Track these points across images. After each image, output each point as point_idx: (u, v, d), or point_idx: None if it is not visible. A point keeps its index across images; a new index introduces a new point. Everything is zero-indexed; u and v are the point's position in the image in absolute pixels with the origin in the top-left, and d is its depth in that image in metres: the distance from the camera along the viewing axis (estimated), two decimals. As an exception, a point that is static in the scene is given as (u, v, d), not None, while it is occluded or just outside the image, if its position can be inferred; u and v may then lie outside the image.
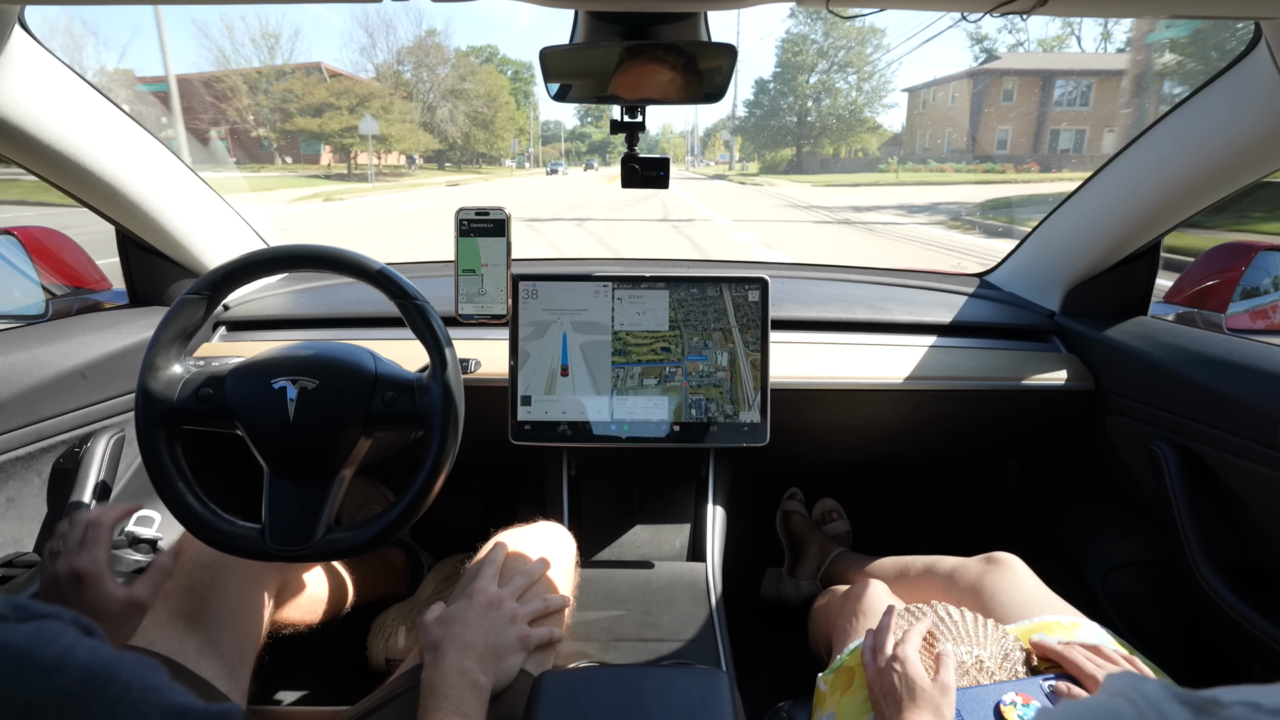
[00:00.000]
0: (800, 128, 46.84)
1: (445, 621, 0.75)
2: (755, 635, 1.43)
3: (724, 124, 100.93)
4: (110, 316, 1.17)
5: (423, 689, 0.68)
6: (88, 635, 0.36)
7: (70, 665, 0.34)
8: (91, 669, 0.34)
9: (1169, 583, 1.11)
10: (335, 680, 1.28)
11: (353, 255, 0.82)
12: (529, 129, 61.32)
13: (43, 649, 0.34)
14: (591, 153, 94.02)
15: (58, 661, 0.34)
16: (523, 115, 58.46)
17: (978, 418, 1.32)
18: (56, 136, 0.93)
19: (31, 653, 0.34)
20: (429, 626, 0.75)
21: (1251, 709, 0.28)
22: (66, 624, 0.36)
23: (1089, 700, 0.34)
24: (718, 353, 1.10)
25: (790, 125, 47.64)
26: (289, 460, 0.80)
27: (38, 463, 0.99)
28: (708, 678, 0.68)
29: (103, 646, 0.36)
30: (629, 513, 1.24)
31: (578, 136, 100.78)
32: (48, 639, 0.34)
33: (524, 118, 58.74)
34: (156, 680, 0.36)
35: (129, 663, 0.36)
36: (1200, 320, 1.20)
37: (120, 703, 0.34)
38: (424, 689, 0.67)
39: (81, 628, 0.37)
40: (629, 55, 0.79)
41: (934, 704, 0.70)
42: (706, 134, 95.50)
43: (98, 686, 0.34)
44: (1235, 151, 0.94)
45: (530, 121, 62.91)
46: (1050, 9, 0.65)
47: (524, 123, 57.95)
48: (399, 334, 1.22)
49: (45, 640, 0.34)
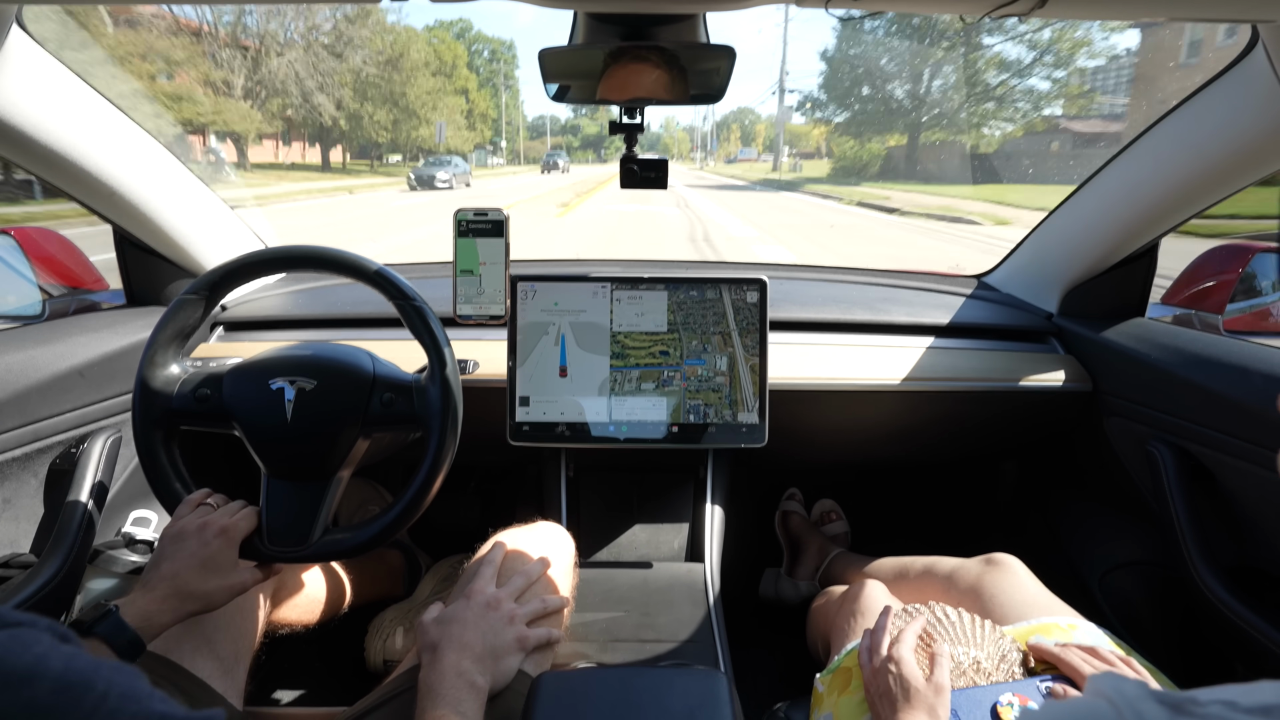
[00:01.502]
0: (919, 107, 27.78)
1: (443, 622, 0.74)
2: (753, 635, 1.43)
3: (738, 115, 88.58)
4: (107, 317, 1.17)
5: (420, 689, 0.67)
6: (64, 643, 0.35)
7: (43, 675, 0.33)
8: (66, 679, 0.33)
9: (1167, 584, 1.11)
10: (333, 681, 1.28)
11: (351, 256, 0.82)
12: (492, 114, 48.49)
13: (14, 659, 0.33)
14: (586, 148, 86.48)
15: (30, 671, 0.33)
16: (484, 98, 46.59)
17: (976, 419, 1.32)
18: (54, 137, 0.93)
19: (2, 663, 0.32)
20: (427, 627, 0.75)
21: (1228, 707, 0.29)
22: (41, 631, 0.35)
23: (1070, 701, 0.34)
24: (717, 357, 1.10)
25: (897, 102, 28.77)
26: (286, 461, 0.80)
27: (34, 463, 0.98)
28: (706, 678, 0.68)
29: (79, 654, 0.35)
30: (627, 513, 1.24)
31: (569, 130, 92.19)
32: (19, 648, 0.33)
33: (486, 101, 46.92)
34: (136, 687, 0.35)
35: (107, 670, 0.35)
36: (1198, 322, 1.20)
37: (97, 712, 0.33)
38: (421, 689, 0.67)
39: (58, 635, 0.36)
40: (627, 56, 0.79)
41: (929, 704, 0.70)
42: (716, 126, 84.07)
43: (73, 696, 0.33)
44: (1233, 153, 0.94)
45: (503, 110, 52.35)
46: (1049, 11, 0.65)
47: (486, 107, 46.50)
48: (397, 335, 1.22)
49: (17, 650, 0.33)
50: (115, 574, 1.02)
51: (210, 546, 0.73)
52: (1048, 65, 24.22)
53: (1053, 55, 23.75)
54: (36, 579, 0.90)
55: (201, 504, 0.79)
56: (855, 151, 30.82)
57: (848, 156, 31.37)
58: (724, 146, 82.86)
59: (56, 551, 0.93)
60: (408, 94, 29.60)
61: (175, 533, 0.74)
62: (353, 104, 27.97)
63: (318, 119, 26.91)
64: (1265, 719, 0.28)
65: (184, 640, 0.79)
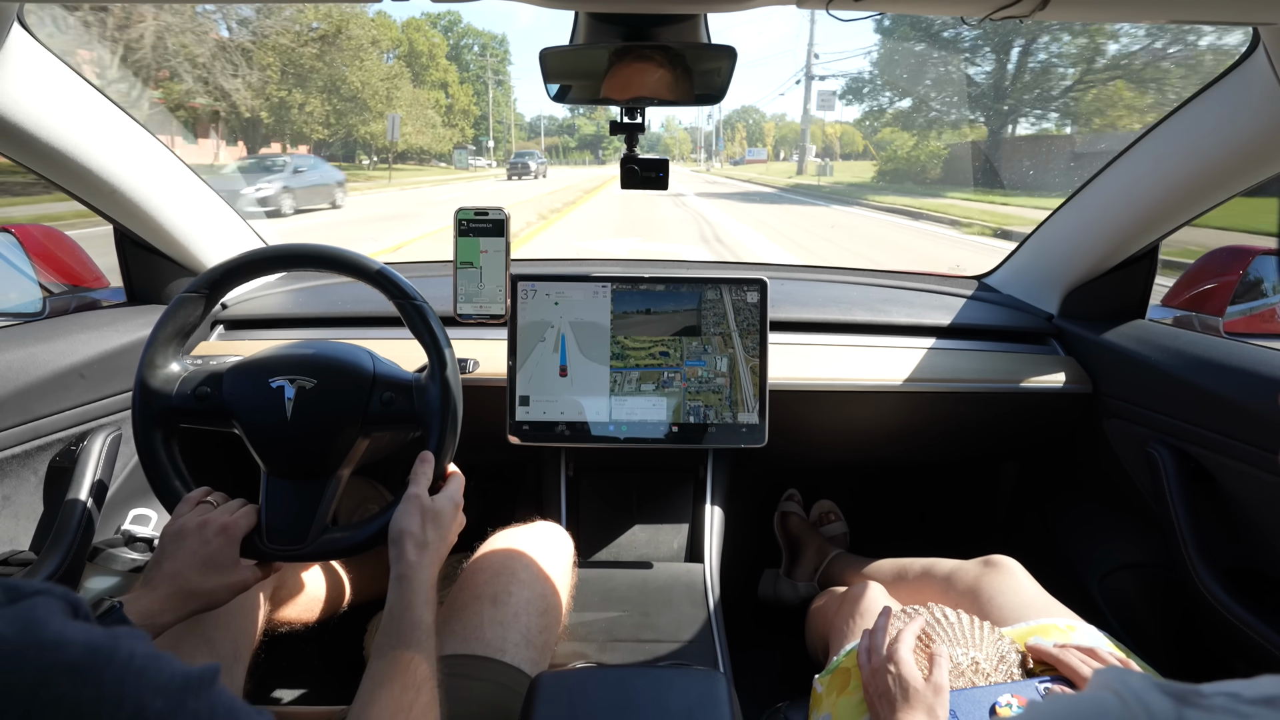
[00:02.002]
0: (1010, 91, 19.51)
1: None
2: (753, 636, 1.43)
3: (741, 115, 78.23)
4: (108, 315, 1.17)
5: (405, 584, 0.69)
6: (75, 617, 0.37)
7: (71, 641, 0.35)
8: (92, 643, 0.35)
9: (1166, 586, 1.11)
10: (331, 679, 1.28)
11: (352, 255, 0.82)
12: (475, 110, 43.51)
13: (41, 626, 0.35)
14: (583, 148, 78.79)
15: (59, 637, 0.34)
16: (466, 94, 42.34)
17: (976, 420, 1.32)
18: (55, 134, 0.93)
19: (31, 629, 0.34)
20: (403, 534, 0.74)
21: (1232, 699, 0.29)
22: (56, 599, 0.37)
23: (1076, 695, 0.34)
24: (717, 358, 1.10)
25: (977, 86, 20.73)
26: (286, 460, 0.80)
27: (34, 461, 0.99)
28: (705, 679, 0.68)
29: (93, 627, 0.36)
30: (627, 513, 1.24)
31: (566, 129, 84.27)
32: (43, 618, 0.35)
33: (468, 97, 42.33)
34: (152, 649, 0.38)
35: (125, 635, 0.37)
36: (1198, 324, 1.20)
37: (129, 669, 0.35)
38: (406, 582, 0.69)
39: (70, 605, 0.38)
40: (630, 55, 0.79)
41: (927, 704, 0.70)
42: (720, 126, 75.14)
43: (104, 657, 0.35)
44: (1233, 155, 0.94)
45: (491, 107, 46.90)
46: (1050, 14, 0.65)
47: (468, 103, 42.17)
48: (397, 334, 1.22)
49: (41, 620, 0.35)
50: (115, 572, 1.02)
51: (211, 545, 0.73)
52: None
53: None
54: (36, 576, 0.90)
55: (201, 502, 0.79)
56: (909, 150, 23.18)
57: (899, 157, 23.73)
58: (728, 147, 77.80)
59: (56, 549, 0.93)
60: (350, 79, 23.31)
61: (175, 531, 0.74)
62: (277, 91, 21.97)
63: (231, 109, 20.59)
64: (1268, 710, 0.28)
65: (183, 638, 0.79)
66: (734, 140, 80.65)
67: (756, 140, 79.59)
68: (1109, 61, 17.98)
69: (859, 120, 33.63)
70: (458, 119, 40.59)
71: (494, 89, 49.85)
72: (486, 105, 47.30)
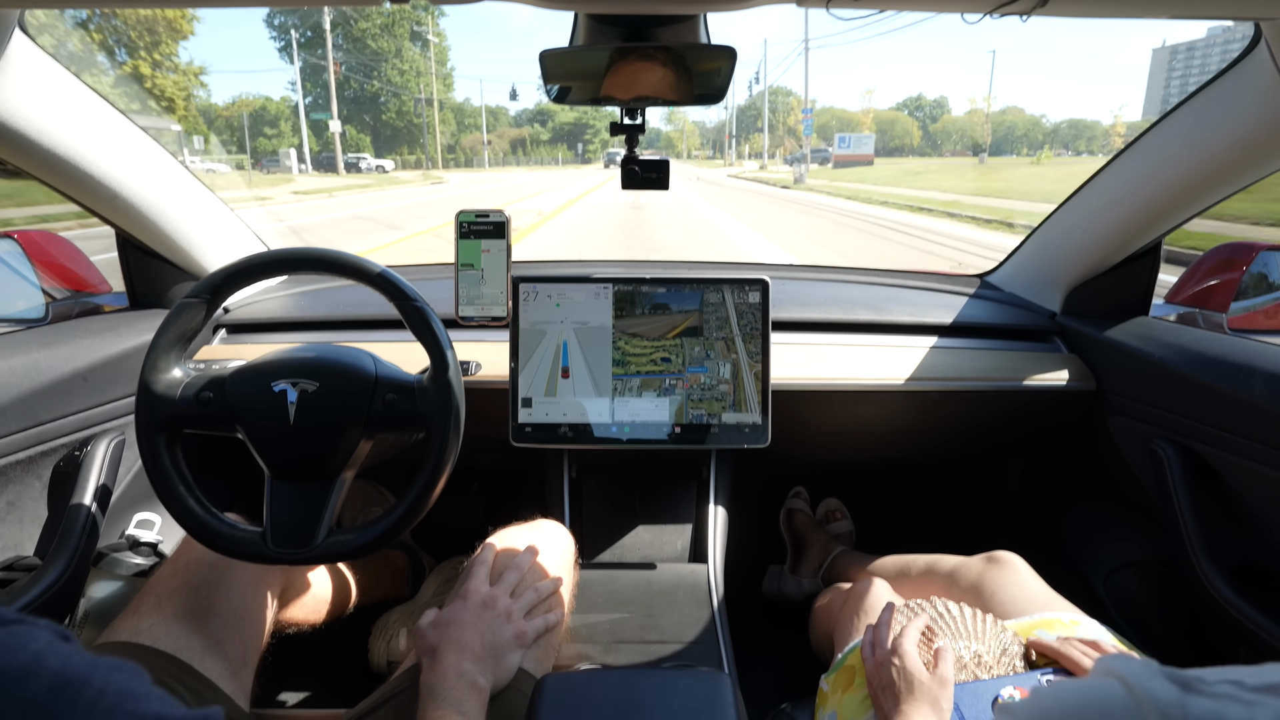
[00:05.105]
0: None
1: (440, 625, 0.74)
2: (757, 635, 1.43)
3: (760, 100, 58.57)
4: (110, 320, 1.17)
5: (421, 691, 0.67)
6: (64, 642, 0.35)
7: (39, 672, 0.32)
8: (64, 675, 0.33)
9: (1172, 583, 1.11)
10: (336, 683, 1.28)
11: (353, 258, 0.82)
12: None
13: (10, 656, 0.32)
14: (557, 141, 60.91)
15: (26, 669, 0.32)
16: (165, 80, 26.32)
17: (979, 418, 1.31)
18: (56, 140, 0.93)
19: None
20: (424, 631, 0.75)
21: (1236, 686, 0.29)
22: (40, 630, 0.35)
23: (1080, 681, 0.34)
24: (720, 364, 1.10)
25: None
26: (290, 463, 0.80)
27: (38, 466, 0.99)
28: (710, 680, 0.68)
29: (77, 653, 0.34)
30: (630, 514, 1.24)
31: (537, 118, 65.27)
32: (16, 646, 0.33)
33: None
34: (134, 686, 0.34)
35: (105, 668, 0.34)
36: (1202, 320, 1.20)
37: (94, 709, 0.32)
38: (423, 691, 0.67)
39: (57, 634, 0.35)
40: (632, 55, 0.79)
41: (932, 697, 0.70)
42: (740, 112, 58.93)
43: (69, 694, 0.32)
44: (1236, 151, 0.94)
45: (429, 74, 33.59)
46: (1050, 10, 0.65)
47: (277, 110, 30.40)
48: (399, 336, 1.22)
49: (14, 648, 0.33)
50: (119, 577, 1.02)
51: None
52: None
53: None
54: (40, 582, 0.90)
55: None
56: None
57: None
58: (750, 140, 61.42)
59: (60, 554, 0.94)
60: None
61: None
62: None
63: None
64: (1272, 696, 0.29)
65: (194, 641, 0.79)
66: (776, 129, 58.75)
67: (829, 129, 51.34)
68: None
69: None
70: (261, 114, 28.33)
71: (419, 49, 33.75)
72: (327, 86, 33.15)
